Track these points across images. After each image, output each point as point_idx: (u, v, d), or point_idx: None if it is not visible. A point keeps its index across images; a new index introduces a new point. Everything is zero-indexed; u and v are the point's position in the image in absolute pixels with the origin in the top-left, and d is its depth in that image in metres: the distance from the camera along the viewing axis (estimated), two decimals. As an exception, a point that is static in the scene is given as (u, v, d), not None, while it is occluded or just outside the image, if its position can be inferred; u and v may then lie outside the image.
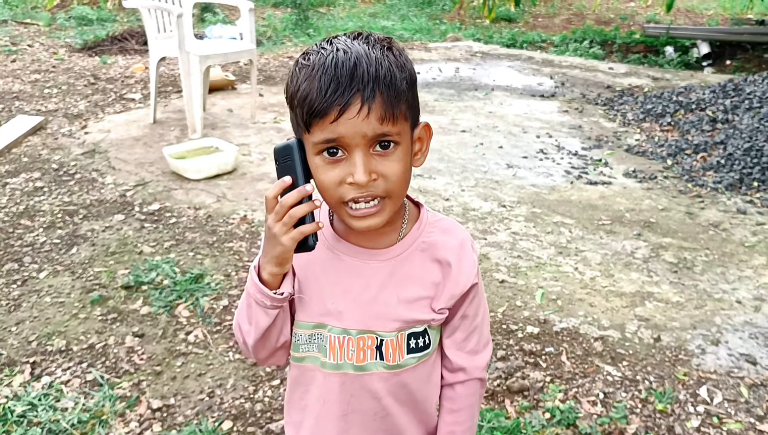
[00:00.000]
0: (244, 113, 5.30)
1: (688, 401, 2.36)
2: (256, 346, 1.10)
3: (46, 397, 2.25)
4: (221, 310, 2.75)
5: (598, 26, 10.04)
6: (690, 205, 3.96)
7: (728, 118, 5.13)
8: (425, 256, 1.12)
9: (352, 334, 1.11)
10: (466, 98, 6.16)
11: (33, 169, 4.12)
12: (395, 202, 1.04)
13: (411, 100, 1.02)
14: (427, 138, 1.10)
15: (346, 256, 1.12)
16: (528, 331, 2.71)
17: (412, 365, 1.14)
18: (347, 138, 0.96)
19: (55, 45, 7.59)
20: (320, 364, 1.14)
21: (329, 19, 10.21)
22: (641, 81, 7.05)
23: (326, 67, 0.95)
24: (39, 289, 2.87)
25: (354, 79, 0.94)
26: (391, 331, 1.11)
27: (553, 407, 2.28)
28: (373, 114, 0.95)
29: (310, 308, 1.13)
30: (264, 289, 1.03)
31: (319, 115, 0.95)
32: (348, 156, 0.98)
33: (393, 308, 1.11)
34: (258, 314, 1.06)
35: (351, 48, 0.97)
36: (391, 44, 1.02)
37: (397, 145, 1.00)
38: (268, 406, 2.26)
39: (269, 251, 1.01)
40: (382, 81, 0.95)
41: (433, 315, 1.12)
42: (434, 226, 1.15)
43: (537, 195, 4.02)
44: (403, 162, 1.02)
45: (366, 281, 1.11)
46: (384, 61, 0.97)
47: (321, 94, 0.94)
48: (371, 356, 1.12)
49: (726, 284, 3.11)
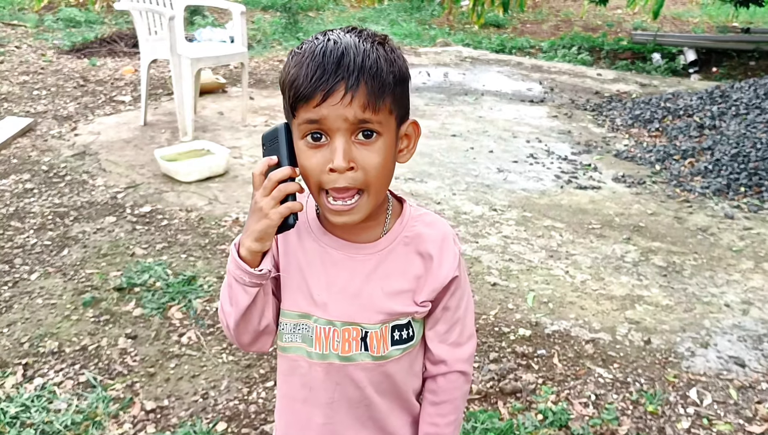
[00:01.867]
0: (234, 116, 5.30)
1: (678, 403, 2.39)
2: (237, 328, 1.11)
3: (39, 399, 2.24)
4: (214, 312, 2.75)
5: (585, 33, 10.12)
6: (678, 209, 4.01)
7: (715, 125, 5.19)
8: (408, 250, 1.14)
9: (336, 325, 1.13)
10: (456, 103, 6.19)
11: (22, 171, 4.09)
12: (374, 197, 1.06)
13: (398, 95, 1.04)
14: (415, 135, 1.12)
15: (333, 249, 1.14)
16: (520, 333, 2.73)
17: (396, 357, 1.16)
18: (329, 120, 0.98)
19: (42, 47, 7.55)
20: (306, 354, 1.15)
21: (318, 23, 10.22)
22: (629, 87, 7.11)
23: (315, 55, 0.99)
24: (30, 291, 2.85)
25: (340, 66, 0.97)
26: (375, 323, 1.13)
27: (546, 409, 2.30)
28: (356, 101, 0.97)
29: (295, 298, 1.15)
30: (243, 264, 1.04)
31: (304, 99, 0.98)
32: (330, 141, 1.00)
33: (377, 301, 1.13)
34: (238, 293, 1.07)
35: (341, 39, 1.00)
36: (384, 41, 1.04)
37: (379, 136, 1.02)
38: (263, 408, 2.26)
39: (252, 225, 1.03)
40: (367, 71, 0.98)
41: (416, 308, 1.15)
42: (417, 220, 1.17)
43: (527, 199, 4.05)
44: (384, 154, 1.03)
45: (351, 274, 1.13)
46: (372, 53, 0.99)
47: (307, 79, 0.98)
48: (356, 347, 1.13)
49: (714, 288, 3.14)
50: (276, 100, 5.92)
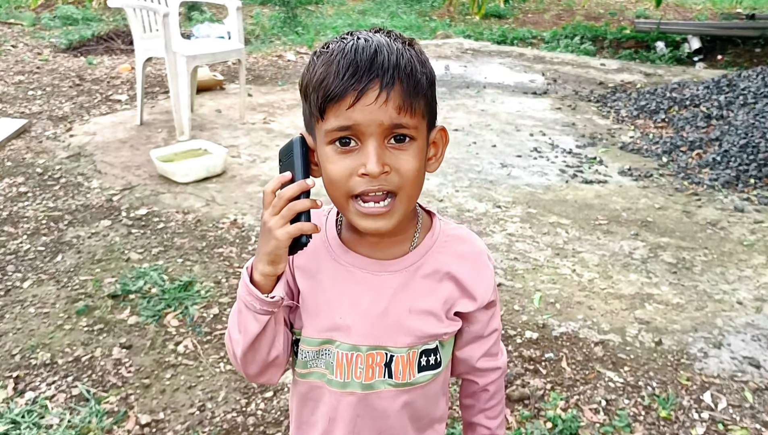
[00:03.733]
0: (232, 114, 5.21)
1: (692, 407, 2.30)
2: (245, 358, 1.03)
3: (29, 414, 2.16)
4: (211, 318, 2.67)
5: (588, 22, 9.99)
6: (687, 203, 3.91)
7: (723, 115, 5.08)
8: (439, 267, 1.07)
9: (361, 350, 1.06)
10: (458, 96, 6.09)
11: (16, 174, 4.01)
12: (407, 203, 0.98)
13: (430, 99, 0.98)
14: (443, 143, 1.05)
15: (355, 267, 1.06)
16: (527, 336, 2.64)
17: (422, 383, 1.09)
18: (362, 125, 0.91)
19: (39, 45, 7.46)
20: (326, 381, 1.08)
21: (318, 16, 10.12)
22: (633, 77, 7.00)
23: (346, 52, 0.92)
24: (23, 300, 2.78)
25: (374, 64, 0.91)
26: (402, 346, 1.06)
27: (555, 416, 2.22)
28: (392, 102, 0.91)
29: (317, 323, 1.07)
30: (254, 290, 0.96)
31: (335, 98, 0.91)
32: (361, 146, 0.93)
33: (405, 321, 1.05)
34: (248, 320, 0.99)
35: (372, 38, 0.94)
36: (412, 42, 0.98)
37: (413, 141, 0.95)
38: (261, 420, 2.19)
39: (262, 248, 0.95)
40: (402, 70, 0.92)
41: (445, 329, 1.08)
42: (448, 236, 1.09)
43: (532, 195, 3.96)
44: (418, 159, 0.96)
45: (376, 294, 1.05)
46: (405, 52, 0.94)
47: (338, 77, 0.90)
48: (379, 374, 1.07)
49: (726, 284, 3.06)
50: (275, 96, 5.83)
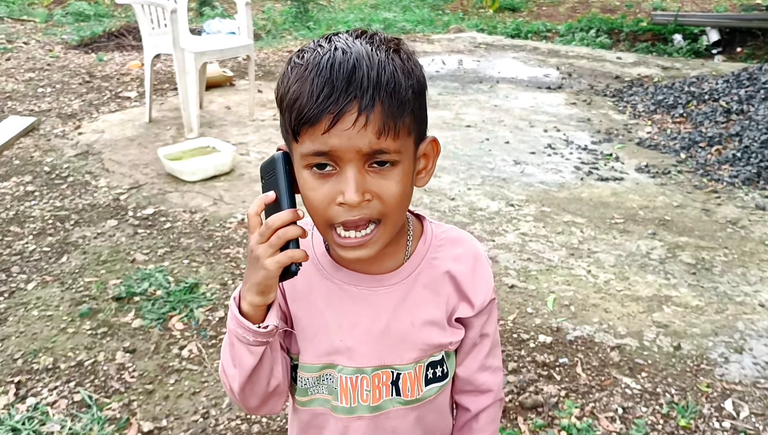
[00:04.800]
0: (242, 110, 5.16)
1: (712, 416, 2.22)
2: (243, 393, 0.96)
3: (30, 421, 2.12)
4: (217, 322, 2.62)
5: (604, 14, 9.83)
6: (706, 201, 3.80)
7: (743, 109, 4.95)
8: (436, 273, 1.01)
9: (366, 372, 0.99)
10: (471, 91, 6.00)
11: (24, 173, 3.98)
12: (391, 228, 0.91)
13: (417, 112, 0.89)
14: (434, 155, 0.97)
15: (350, 285, 0.99)
16: (540, 340, 2.56)
17: (430, 397, 1.03)
18: (339, 151, 0.83)
19: (51, 42, 7.45)
20: (331, 408, 1.02)
21: (329, 11, 10.04)
22: (650, 70, 6.87)
23: (321, 68, 0.82)
24: (26, 302, 2.73)
25: (351, 83, 0.81)
26: (408, 362, 1.00)
27: (570, 425, 2.14)
28: (371, 126, 0.82)
29: (315, 347, 1.00)
30: (245, 322, 0.89)
31: (308, 122, 0.83)
32: (339, 171, 0.85)
33: (409, 336, 1.00)
34: (242, 354, 0.92)
35: (351, 48, 0.84)
36: (399, 46, 0.89)
37: (396, 165, 0.87)
38: (266, 428, 2.13)
39: (251, 277, 0.88)
40: (383, 88, 0.82)
41: (450, 338, 1.02)
42: (442, 239, 1.03)
43: (546, 193, 3.87)
44: (402, 183, 0.88)
45: (376, 311, 0.99)
46: (388, 64, 0.84)
47: (312, 98, 0.82)
48: (387, 393, 1.01)
49: (747, 286, 2.96)
50: (285, 92, 5.76)
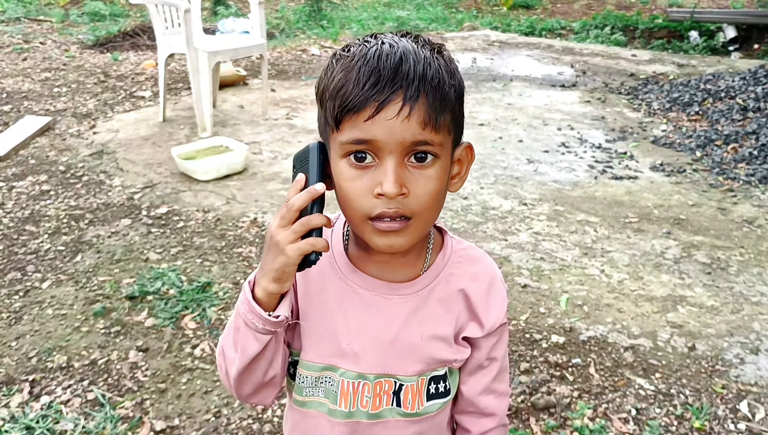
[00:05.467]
0: (255, 109, 5.17)
1: (727, 418, 2.19)
2: (239, 378, 0.95)
3: (44, 419, 2.13)
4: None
5: (619, 11, 9.76)
6: (722, 199, 3.77)
7: (760, 107, 4.90)
8: (451, 289, 1.00)
9: (369, 378, 0.98)
10: (484, 90, 5.98)
11: (40, 172, 4.01)
12: (422, 227, 0.90)
13: (457, 113, 0.89)
14: (468, 161, 0.96)
15: (364, 289, 0.98)
16: (553, 340, 2.55)
17: (431, 413, 1.02)
18: (381, 141, 0.83)
19: (67, 42, 7.50)
20: (327, 411, 1.01)
21: (343, 9, 10.04)
22: (666, 68, 6.81)
23: (368, 58, 0.84)
24: (41, 301, 2.76)
25: (398, 74, 0.82)
26: (412, 374, 0.99)
27: (582, 426, 2.13)
28: (415, 116, 0.82)
29: (319, 347, 0.99)
30: (257, 308, 0.88)
31: (353, 109, 0.83)
32: (378, 163, 0.85)
33: (416, 349, 0.98)
34: (246, 339, 0.91)
35: (398, 43, 0.86)
36: (441, 49, 0.89)
37: (436, 159, 0.87)
38: (277, 427, 2.13)
39: (268, 263, 0.87)
40: (429, 81, 0.83)
41: (455, 355, 1.01)
42: (460, 256, 1.02)
43: (559, 192, 3.84)
44: (440, 181, 0.88)
45: (386, 319, 0.98)
46: (434, 61, 0.85)
47: (358, 86, 0.82)
48: (387, 402, 0.99)
49: (764, 286, 2.92)
50: (298, 91, 5.78)
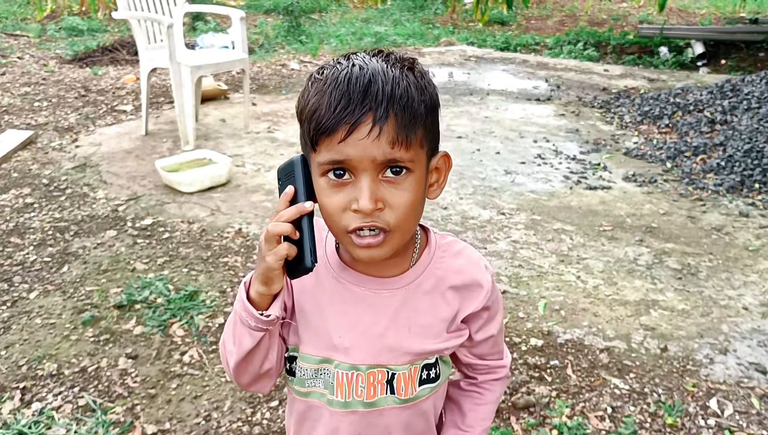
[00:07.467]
0: (237, 123, 5.23)
1: (698, 414, 2.30)
2: (237, 369, 1.04)
3: (36, 425, 2.17)
4: (216, 328, 2.68)
5: (591, 27, 10.00)
6: (691, 208, 3.91)
7: (727, 119, 5.08)
8: (438, 282, 1.07)
9: (361, 369, 1.05)
10: (462, 103, 6.11)
11: (23, 185, 4.04)
12: (401, 237, 0.97)
13: (429, 126, 0.95)
14: (446, 169, 1.03)
15: (354, 285, 1.05)
16: (532, 343, 2.64)
17: (424, 397, 1.10)
18: (354, 161, 0.90)
19: (45, 56, 7.51)
20: (327, 402, 1.08)
21: (321, 25, 10.15)
22: (637, 82, 7.00)
23: (339, 82, 0.89)
24: (29, 311, 2.79)
25: (367, 96, 0.88)
26: (403, 364, 1.06)
27: (561, 424, 2.22)
28: (384, 136, 0.88)
29: (315, 341, 1.07)
30: (249, 307, 0.96)
31: (326, 132, 0.89)
32: (354, 179, 0.92)
33: (405, 341, 1.05)
34: (242, 334, 0.99)
35: (368, 64, 0.91)
36: (413, 65, 0.95)
37: (410, 173, 0.93)
38: (267, 429, 2.19)
39: (257, 267, 0.96)
40: (397, 101, 0.89)
41: (445, 344, 1.08)
42: (445, 250, 1.09)
43: (536, 201, 3.96)
44: (414, 192, 0.95)
45: (376, 313, 1.05)
46: (402, 80, 0.91)
47: (330, 110, 0.88)
48: (381, 391, 1.07)
49: (731, 290, 3.05)
50: (279, 105, 5.85)
